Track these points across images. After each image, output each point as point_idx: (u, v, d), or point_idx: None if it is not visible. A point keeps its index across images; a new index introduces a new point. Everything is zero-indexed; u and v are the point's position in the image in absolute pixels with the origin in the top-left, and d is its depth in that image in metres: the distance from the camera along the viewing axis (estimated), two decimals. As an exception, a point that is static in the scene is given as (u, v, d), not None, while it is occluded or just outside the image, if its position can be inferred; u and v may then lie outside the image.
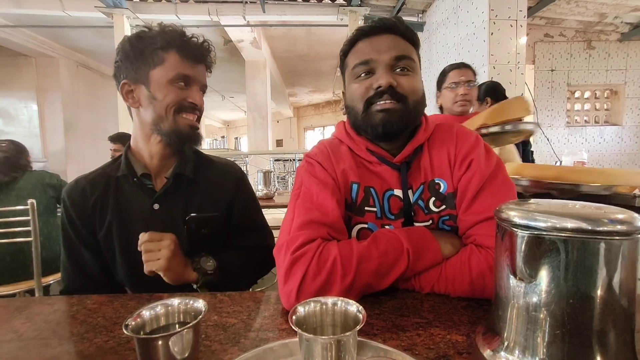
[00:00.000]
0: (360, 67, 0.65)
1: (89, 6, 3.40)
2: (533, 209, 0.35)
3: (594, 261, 0.32)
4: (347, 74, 0.70)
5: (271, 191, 2.50)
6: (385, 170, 0.67)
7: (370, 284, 0.55)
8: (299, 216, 0.60)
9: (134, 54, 0.74)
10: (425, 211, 0.65)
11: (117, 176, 0.78)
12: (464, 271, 0.56)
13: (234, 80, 6.89)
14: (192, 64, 0.75)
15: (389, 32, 0.65)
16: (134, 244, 0.75)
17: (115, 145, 2.39)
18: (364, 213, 0.65)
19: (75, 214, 0.77)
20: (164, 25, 0.76)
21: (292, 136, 11.94)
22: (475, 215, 0.60)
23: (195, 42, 0.76)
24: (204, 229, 0.79)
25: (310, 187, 0.64)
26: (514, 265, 0.36)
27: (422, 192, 0.65)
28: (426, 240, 0.58)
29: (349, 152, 0.69)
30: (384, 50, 0.64)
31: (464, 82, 1.46)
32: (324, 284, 0.53)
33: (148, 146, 0.78)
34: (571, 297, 0.32)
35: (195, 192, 0.81)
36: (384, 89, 0.62)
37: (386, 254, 0.56)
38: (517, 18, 2.38)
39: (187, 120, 0.76)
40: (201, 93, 0.80)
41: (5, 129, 4.95)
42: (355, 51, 0.67)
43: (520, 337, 0.35)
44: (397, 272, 0.56)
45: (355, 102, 0.66)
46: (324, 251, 0.55)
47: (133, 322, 0.37)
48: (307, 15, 3.69)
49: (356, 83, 0.66)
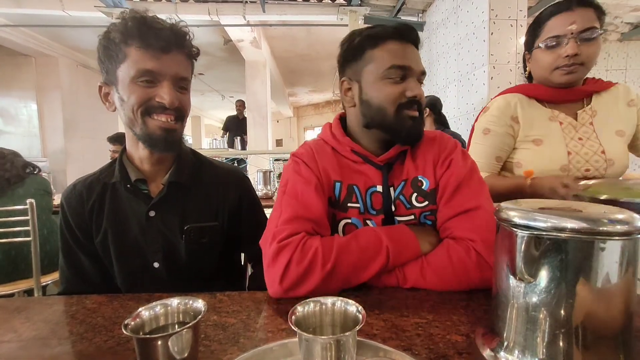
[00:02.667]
0: (397, 71, 0.67)
1: (89, 6, 3.39)
2: (533, 209, 0.35)
3: (593, 261, 0.31)
4: (370, 69, 0.69)
5: (271, 191, 2.50)
6: (369, 169, 0.71)
7: (349, 275, 0.60)
8: (285, 212, 0.65)
9: (102, 53, 0.68)
10: (407, 206, 0.69)
11: (113, 182, 0.75)
12: (444, 262, 0.61)
13: (234, 80, 6.89)
14: (156, 55, 0.65)
15: (415, 44, 0.70)
16: (130, 251, 0.74)
17: (114, 147, 2.38)
18: (347, 209, 0.70)
19: (72, 219, 0.75)
20: (126, 11, 0.67)
21: (291, 136, 11.93)
22: (453, 208, 0.65)
23: (159, 27, 0.65)
24: (203, 239, 0.76)
25: (296, 185, 0.68)
26: (514, 265, 0.36)
27: (403, 188, 0.70)
28: (405, 236, 0.63)
29: (332, 152, 0.74)
30: (416, 61, 0.68)
31: (576, 33, 0.86)
32: (305, 270, 0.58)
33: (137, 151, 0.74)
34: (571, 297, 0.32)
35: (194, 199, 0.77)
36: (418, 99, 0.67)
37: (366, 249, 0.61)
38: (517, 18, 2.38)
39: (158, 122, 0.68)
40: (176, 88, 0.68)
41: (4, 128, 4.94)
42: (388, 50, 0.67)
43: (520, 337, 0.35)
44: (376, 266, 0.60)
45: (386, 103, 0.68)
46: (307, 242, 0.60)
47: (132, 322, 0.37)
48: (307, 15, 3.69)
49: (387, 85, 0.68)
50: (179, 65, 0.68)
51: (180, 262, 0.76)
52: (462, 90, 2.82)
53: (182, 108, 0.70)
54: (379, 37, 0.68)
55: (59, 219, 0.77)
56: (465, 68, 2.74)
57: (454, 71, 2.95)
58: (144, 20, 0.65)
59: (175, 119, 0.70)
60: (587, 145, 0.91)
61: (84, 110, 5.42)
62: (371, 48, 0.69)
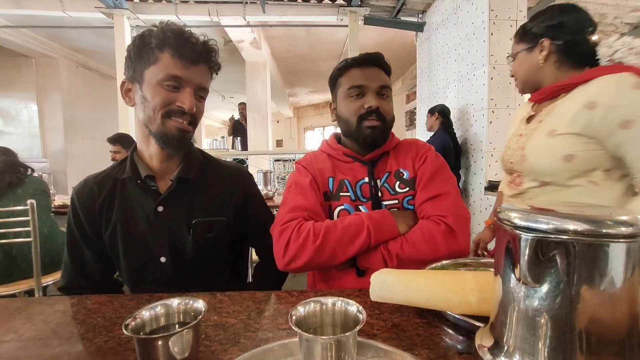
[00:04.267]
0: (354, 90, 0.84)
1: (89, 7, 3.39)
2: (535, 210, 0.35)
3: (597, 264, 0.31)
4: (340, 92, 0.88)
5: (271, 191, 2.50)
6: (358, 166, 0.87)
7: (336, 248, 0.72)
8: (288, 204, 0.81)
9: (134, 53, 0.72)
10: (391, 192, 0.84)
11: (123, 178, 0.78)
12: (417, 235, 0.74)
13: (234, 80, 6.89)
14: (186, 65, 0.71)
15: (376, 65, 0.86)
16: (138, 246, 0.76)
17: (114, 147, 2.37)
18: (339, 198, 0.84)
19: (82, 214, 0.77)
20: (165, 23, 0.74)
21: (292, 136, 11.93)
22: (427, 192, 0.80)
23: (194, 41, 0.72)
24: (209, 233, 0.79)
25: (297, 184, 0.85)
26: (515, 268, 0.35)
27: (387, 178, 0.85)
28: (384, 217, 0.76)
29: (327, 157, 0.91)
30: (373, 79, 0.84)
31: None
32: (300, 246, 0.72)
33: (148, 147, 0.78)
34: (573, 300, 0.31)
35: (201, 195, 0.80)
36: (373, 109, 0.82)
37: (349, 227, 0.74)
38: (517, 18, 2.38)
39: (177, 123, 0.73)
40: (195, 96, 0.74)
41: (5, 129, 4.95)
42: (349, 76, 0.86)
43: (521, 342, 0.34)
44: (360, 241, 0.73)
45: (349, 116, 0.85)
46: (303, 225, 0.75)
47: (133, 322, 0.37)
48: (307, 16, 3.69)
49: (350, 102, 0.85)
50: (203, 76, 0.75)
51: (186, 257, 0.78)
52: (462, 91, 2.82)
53: (197, 114, 0.76)
54: (345, 67, 0.87)
55: (68, 214, 0.79)
56: (465, 68, 2.74)
57: (454, 71, 2.95)
58: (181, 33, 0.72)
59: (189, 123, 0.75)
60: (519, 141, 0.97)
61: (84, 110, 5.43)
62: (340, 76, 0.88)
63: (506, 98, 2.39)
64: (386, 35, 4.69)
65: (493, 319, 0.40)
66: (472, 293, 0.48)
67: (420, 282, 0.51)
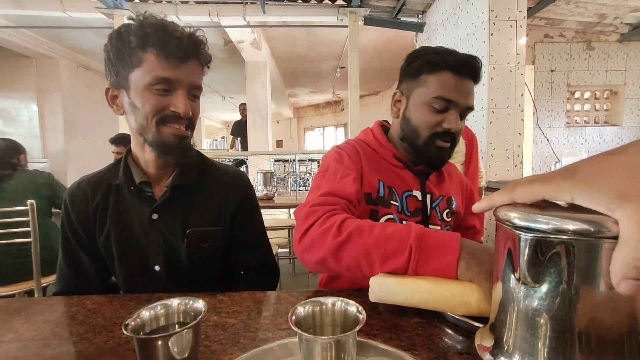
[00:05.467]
0: (441, 102, 0.71)
1: (89, 7, 3.40)
2: (534, 210, 0.35)
3: (597, 264, 0.30)
4: (420, 92, 0.74)
5: (271, 192, 2.50)
6: (407, 175, 0.78)
7: (358, 257, 0.55)
8: (322, 188, 0.68)
9: (113, 54, 0.65)
10: (439, 217, 0.77)
11: (117, 183, 0.74)
12: None
13: (234, 81, 6.89)
14: (174, 64, 0.63)
15: (472, 78, 0.73)
16: (132, 253, 0.74)
17: (117, 148, 2.35)
18: (390, 205, 0.74)
19: (75, 217, 0.75)
20: (143, 17, 0.64)
21: (292, 137, 11.93)
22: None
23: (179, 35, 0.64)
24: (204, 243, 0.75)
25: (337, 172, 0.72)
26: (515, 268, 0.35)
27: (440, 201, 0.79)
28: (445, 245, 0.51)
29: (375, 154, 0.79)
30: (464, 96, 0.71)
31: None
32: (319, 235, 0.58)
33: (143, 154, 0.73)
34: (573, 300, 0.31)
35: (196, 203, 0.77)
36: (452, 132, 0.72)
37: (386, 240, 0.53)
38: (517, 19, 2.38)
39: (173, 129, 0.67)
40: (189, 96, 0.67)
41: (5, 129, 4.94)
42: (440, 79, 0.71)
43: (521, 342, 0.34)
44: (392, 264, 0.52)
45: (421, 127, 0.74)
46: (334, 214, 0.61)
47: (133, 322, 0.37)
48: (307, 16, 3.69)
49: (429, 112, 0.72)
50: (194, 74, 0.68)
51: (181, 266, 0.75)
52: (462, 91, 2.82)
53: (194, 116, 0.70)
54: (437, 65, 0.71)
55: (61, 217, 0.77)
56: (465, 69, 2.74)
57: (454, 72, 2.95)
58: (164, 27, 0.63)
59: (187, 127, 0.70)
60: None
61: (84, 111, 5.42)
62: (427, 73, 0.73)
63: (506, 98, 2.39)
64: (386, 35, 4.70)
65: (493, 319, 0.40)
66: (471, 294, 0.48)
67: (420, 284, 0.51)
